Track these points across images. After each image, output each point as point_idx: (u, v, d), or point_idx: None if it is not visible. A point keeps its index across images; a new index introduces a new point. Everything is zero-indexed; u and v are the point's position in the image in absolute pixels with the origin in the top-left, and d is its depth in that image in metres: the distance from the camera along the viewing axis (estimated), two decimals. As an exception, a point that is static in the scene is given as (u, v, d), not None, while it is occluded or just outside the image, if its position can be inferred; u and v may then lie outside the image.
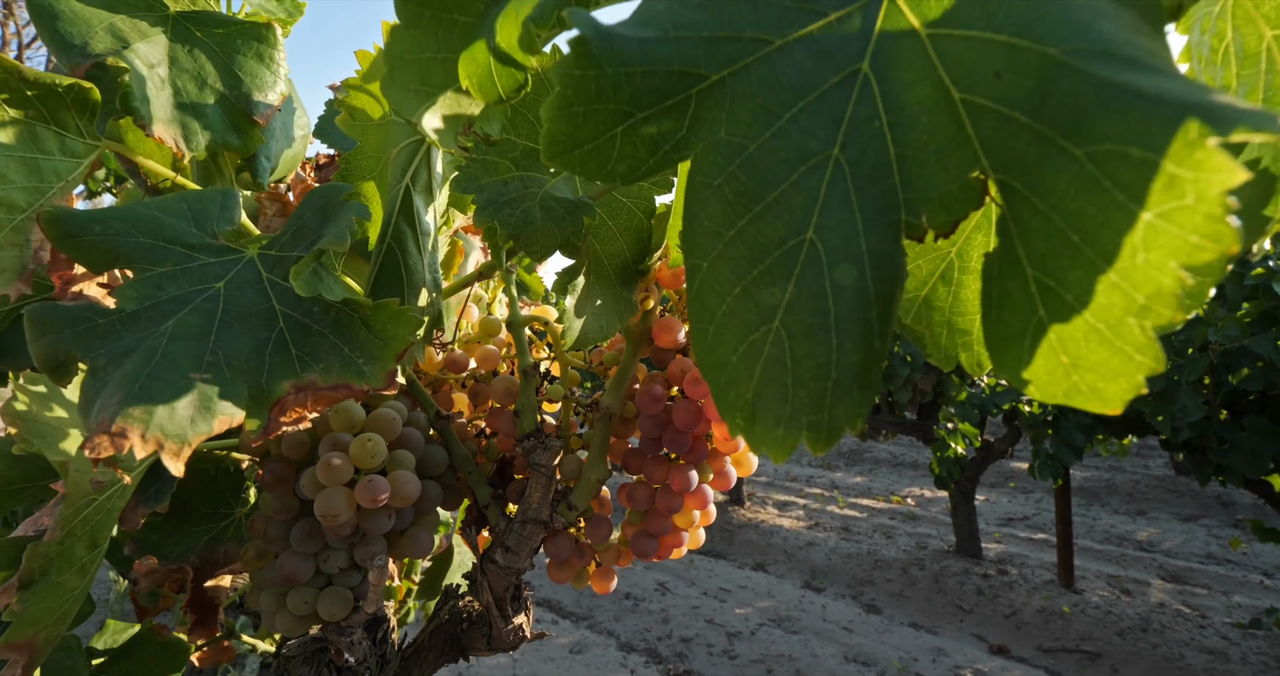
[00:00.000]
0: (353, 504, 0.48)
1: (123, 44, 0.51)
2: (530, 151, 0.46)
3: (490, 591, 0.57)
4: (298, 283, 0.39)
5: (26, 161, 0.45)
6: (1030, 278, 0.23)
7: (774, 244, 0.25)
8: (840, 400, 0.25)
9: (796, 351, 0.25)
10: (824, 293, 0.25)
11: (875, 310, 0.24)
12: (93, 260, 0.43)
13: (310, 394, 0.39)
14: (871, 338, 0.24)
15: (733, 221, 0.26)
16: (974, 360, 0.36)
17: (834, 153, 0.25)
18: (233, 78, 0.55)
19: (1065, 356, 0.23)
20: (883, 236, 0.24)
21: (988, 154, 0.23)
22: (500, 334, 0.65)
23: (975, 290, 0.34)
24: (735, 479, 0.60)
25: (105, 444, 0.33)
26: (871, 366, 0.25)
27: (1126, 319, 0.21)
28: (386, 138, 0.53)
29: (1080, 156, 0.20)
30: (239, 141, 0.54)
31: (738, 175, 0.26)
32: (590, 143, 0.27)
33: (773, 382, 0.26)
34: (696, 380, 0.54)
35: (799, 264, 0.25)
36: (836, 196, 0.25)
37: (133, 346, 0.38)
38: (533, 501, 0.55)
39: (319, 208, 0.47)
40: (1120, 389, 0.22)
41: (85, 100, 0.47)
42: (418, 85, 0.39)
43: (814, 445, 0.25)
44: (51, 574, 0.47)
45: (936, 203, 0.24)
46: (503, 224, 0.42)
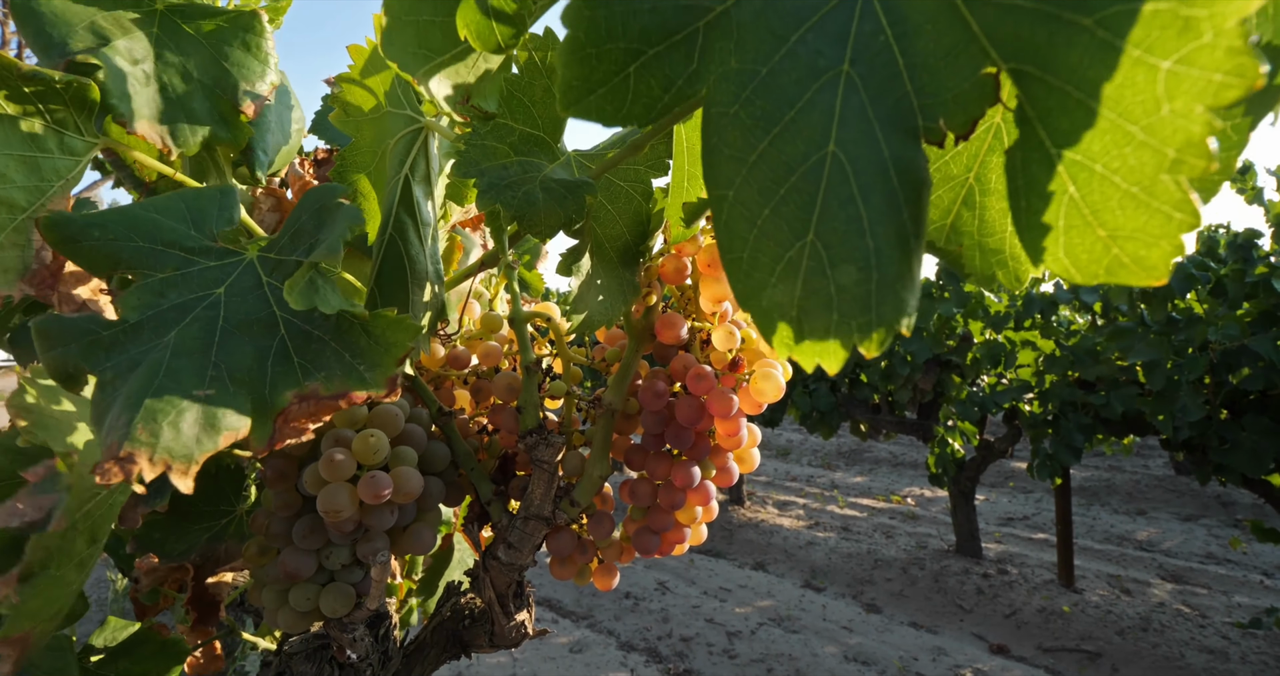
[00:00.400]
0: (355, 500, 0.48)
1: (103, 41, 0.50)
2: (528, 136, 0.46)
3: (493, 588, 0.57)
4: (292, 297, 0.39)
5: (26, 160, 0.45)
6: (1055, 157, 0.24)
7: (797, 161, 0.26)
8: (886, 299, 0.25)
9: (835, 259, 0.26)
10: (853, 200, 0.25)
11: (906, 211, 0.25)
12: (93, 264, 0.43)
13: (313, 403, 0.39)
14: (907, 238, 0.25)
15: (753, 146, 0.26)
16: (1010, 276, 0.37)
17: (844, 68, 0.25)
18: (220, 70, 0.54)
19: (1102, 229, 0.23)
20: (903, 143, 0.25)
21: (996, 46, 0.23)
22: (502, 330, 0.65)
23: (1000, 210, 0.35)
24: (738, 475, 0.60)
25: (115, 470, 0.34)
26: (911, 264, 0.25)
27: (1160, 177, 0.21)
28: (382, 130, 0.53)
29: (1090, 25, 0.21)
30: (228, 134, 0.54)
31: (753, 100, 0.26)
32: (605, 85, 0.27)
33: (815, 294, 0.26)
34: (699, 376, 0.54)
35: (824, 177, 0.25)
36: (852, 109, 0.25)
37: (137, 360, 0.39)
38: (535, 498, 0.55)
39: (315, 210, 0.47)
40: (1163, 252, 0.22)
41: (83, 97, 0.47)
42: (417, 47, 0.39)
43: (867, 347, 0.25)
44: (51, 567, 0.47)
45: (951, 104, 0.24)
46: (506, 206, 0.42)
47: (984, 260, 0.37)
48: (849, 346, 0.26)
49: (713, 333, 0.56)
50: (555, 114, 0.48)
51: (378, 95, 0.52)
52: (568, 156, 0.51)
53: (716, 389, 0.53)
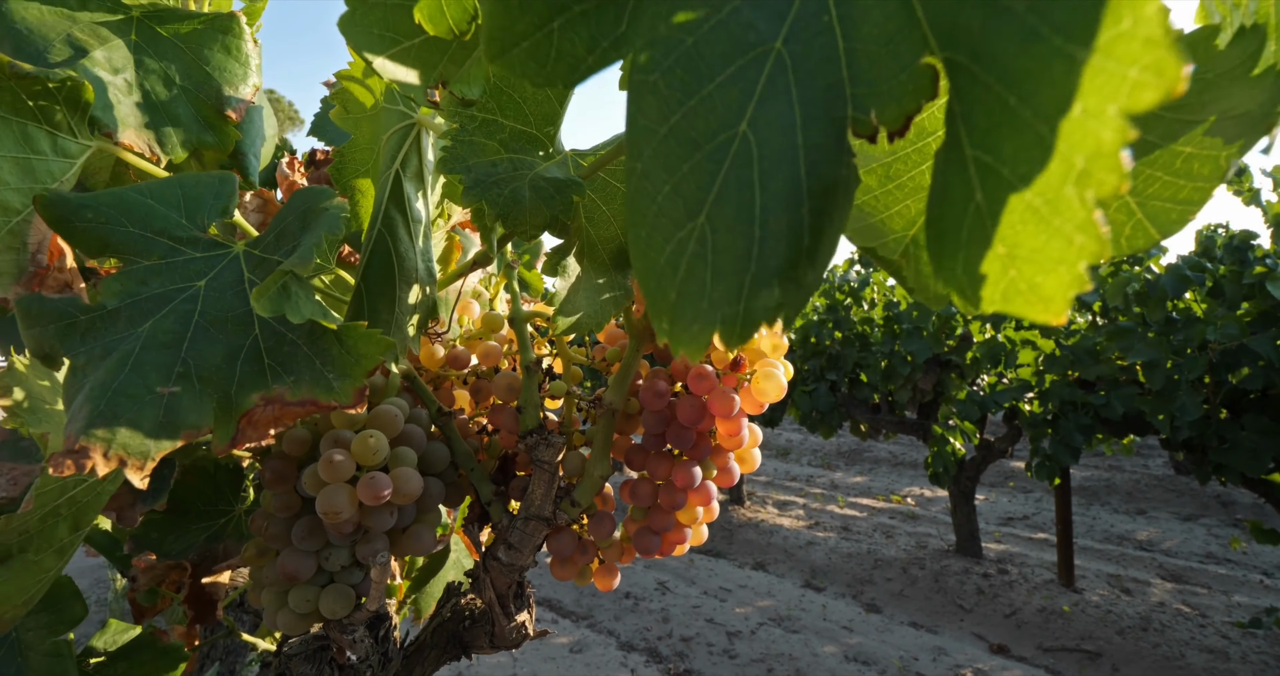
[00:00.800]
0: (354, 501, 0.48)
1: (82, 52, 0.50)
2: (519, 133, 0.46)
3: (493, 588, 0.57)
4: (259, 303, 0.38)
5: (20, 162, 0.45)
6: (969, 159, 0.21)
7: (705, 137, 0.24)
8: (758, 293, 0.24)
9: (718, 245, 0.24)
10: (750, 185, 0.24)
11: (807, 206, 0.23)
12: (86, 246, 0.42)
13: (277, 407, 0.39)
14: (800, 233, 0.23)
15: (666, 117, 0.25)
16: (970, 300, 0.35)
17: (776, 46, 0.24)
18: (201, 74, 0.54)
19: (1002, 247, 0.20)
20: (824, 132, 0.23)
21: (935, 32, 0.22)
22: (502, 330, 0.65)
23: None
24: (739, 475, 0.60)
25: (69, 463, 0.34)
26: (798, 263, 0.23)
27: (1064, 189, 0.18)
28: (379, 127, 0.52)
29: (1021, 10, 0.19)
30: (214, 139, 0.54)
31: (674, 70, 0.24)
32: (527, 39, 0.26)
33: (693, 279, 0.25)
34: (700, 376, 0.54)
35: (729, 158, 0.24)
36: (775, 90, 0.24)
37: (110, 349, 0.38)
38: (535, 498, 0.55)
39: (301, 212, 0.46)
40: (1061, 282, 0.19)
41: (77, 98, 0.46)
42: (383, 31, 0.38)
43: (726, 338, 0.24)
44: (29, 551, 0.47)
45: (886, 95, 0.23)
46: (490, 203, 0.41)
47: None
48: (709, 337, 0.24)
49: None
50: (548, 109, 0.47)
51: (375, 92, 0.52)
52: (564, 155, 0.50)
53: (718, 388, 0.53)
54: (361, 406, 0.39)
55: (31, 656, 0.63)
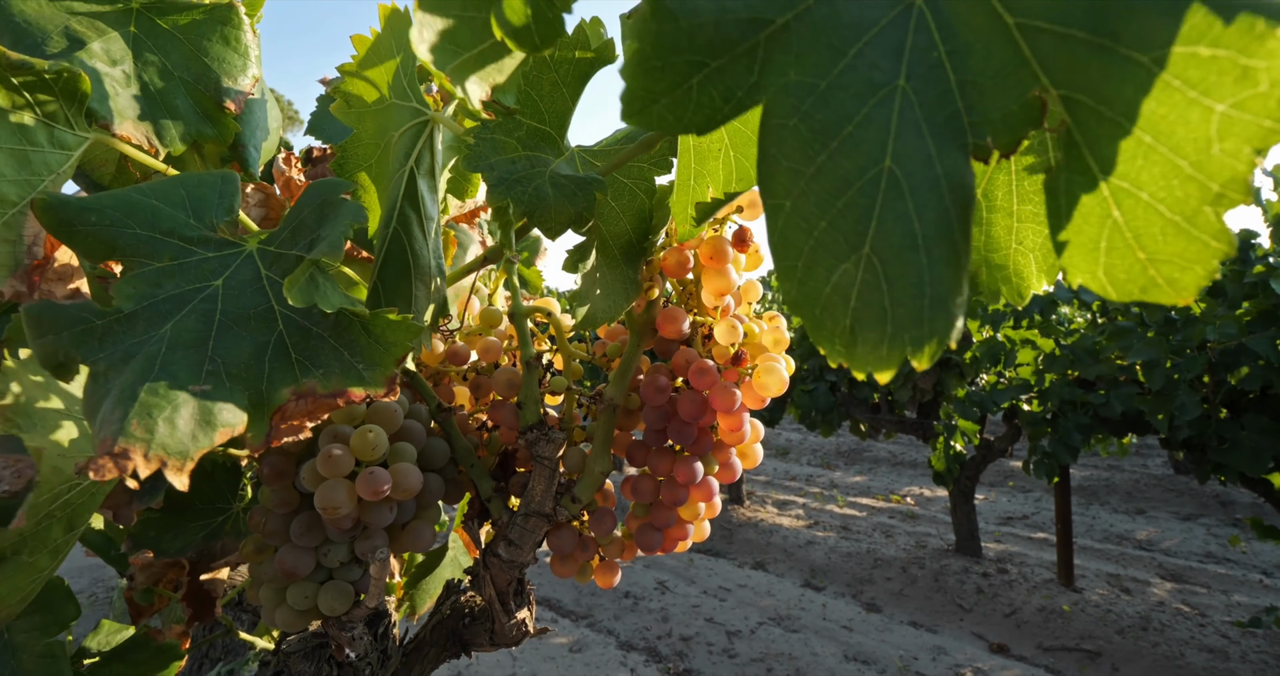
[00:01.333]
0: (354, 496, 0.48)
1: (79, 44, 0.50)
2: (535, 131, 0.46)
3: (493, 585, 0.57)
4: (292, 293, 0.38)
5: (16, 154, 0.44)
6: (1102, 183, 0.25)
7: (855, 175, 0.26)
8: (938, 314, 0.26)
9: (890, 274, 0.26)
10: (909, 216, 0.26)
11: (957, 228, 0.26)
12: (89, 250, 0.42)
13: (310, 400, 0.38)
14: (959, 254, 0.26)
15: (811, 158, 0.27)
16: (1014, 291, 0.38)
17: (900, 83, 0.26)
18: (200, 65, 0.53)
19: (1142, 252, 0.25)
20: (955, 160, 0.26)
21: (1048, 72, 0.24)
22: (502, 325, 0.64)
23: (1005, 227, 0.36)
24: (740, 470, 0.59)
25: (109, 465, 0.33)
26: (961, 281, 0.26)
27: (1203, 208, 0.23)
28: (386, 122, 0.52)
29: (1147, 63, 0.22)
30: (214, 131, 0.53)
31: (811, 113, 0.27)
32: (668, 96, 0.28)
33: (869, 306, 0.27)
34: (702, 371, 0.53)
35: (880, 192, 0.26)
36: (908, 125, 0.26)
37: (131, 352, 0.38)
38: (536, 494, 0.54)
39: (317, 205, 0.46)
40: (1196, 276, 0.24)
41: (74, 89, 0.46)
42: (446, 43, 0.38)
43: (918, 359, 0.26)
44: (23, 553, 0.47)
45: (999, 124, 0.25)
46: (516, 201, 0.42)
47: (990, 275, 0.38)
48: (901, 358, 0.27)
49: (715, 327, 0.55)
50: (562, 108, 0.47)
51: (380, 87, 0.51)
52: (572, 152, 0.50)
53: (719, 383, 0.53)
54: (394, 394, 0.38)
55: (25, 658, 0.62)
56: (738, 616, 3.86)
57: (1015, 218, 0.35)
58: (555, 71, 0.46)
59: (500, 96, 0.45)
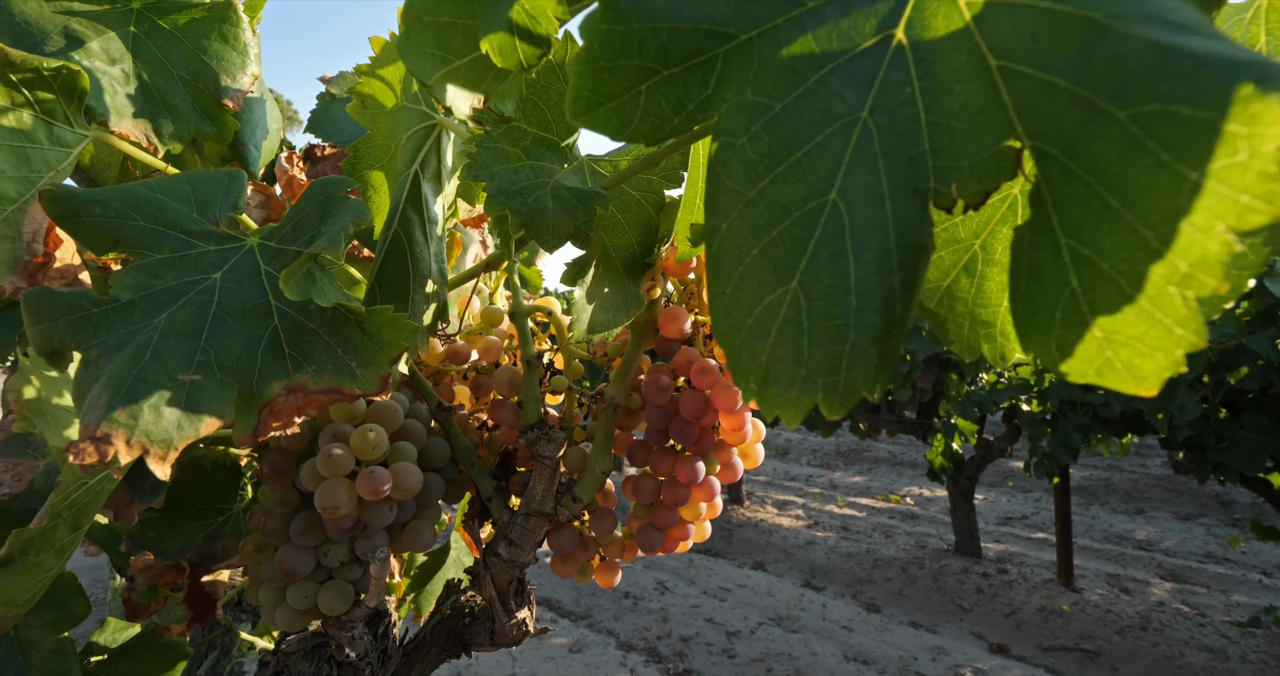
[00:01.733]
0: (354, 496, 0.47)
1: (78, 43, 0.50)
2: (541, 140, 0.46)
3: (493, 585, 0.56)
4: (288, 286, 0.38)
5: (15, 150, 0.44)
6: (1064, 247, 0.22)
7: (795, 204, 0.25)
8: (858, 363, 0.24)
9: (814, 312, 0.25)
10: (844, 254, 0.24)
11: (898, 276, 0.24)
12: (93, 242, 0.42)
13: (300, 396, 0.38)
14: (893, 303, 0.24)
15: (754, 182, 0.25)
16: (996, 352, 0.35)
17: (862, 116, 0.24)
18: (199, 63, 0.53)
19: (1099, 331, 0.22)
20: (910, 203, 0.24)
21: (1023, 121, 0.22)
22: (502, 324, 0.64)
23: (1000, 282, 0.34)
24: (742, 470, 0.59)
25: (90, 450, 0.33)
26: (892, 331, 0.24)
27: (1167, 288, 0.20)
28: (397, 125, 0.52)
29: (1123, 118, 0.20)
30: (213, 129, 0.53)
31: (761, 135, 0.25)
32: (615, 99, 0.26)
33: (788, 343, 0.25)
34: (703, 370, 0.53)
35: (820, 225, 0.25)
36: (862, 159, 0.24)
37: (125, 340, 0.38)
38: (536, 494, 0.54)
39: (320, 201, 0.46)
40: (1158, 366, 0.21)
41: (73, 86, 0.46)
42: (435, 50, 0.38)
43: (828, 408, 0.25)
44: (30, 553, 0.46)
45: (967, 171, 0.23)
46: (515, 212, 0.41)
47: (972, 330, 0.36)
48: (810, 404, 0.25)
49: (716, 326, 0.55)
50: None
51: (395, 89, 0.51)
52: (580, 161, 0.50)
53: (721, 382, 0.53)
54: (386, 393, 0.38)
55: (34, 654, 0.62)
56: (737, 616, 3.86)
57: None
58: (564, 81, 0.45)
59: (498, 104, 0.44)
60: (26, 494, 0.57)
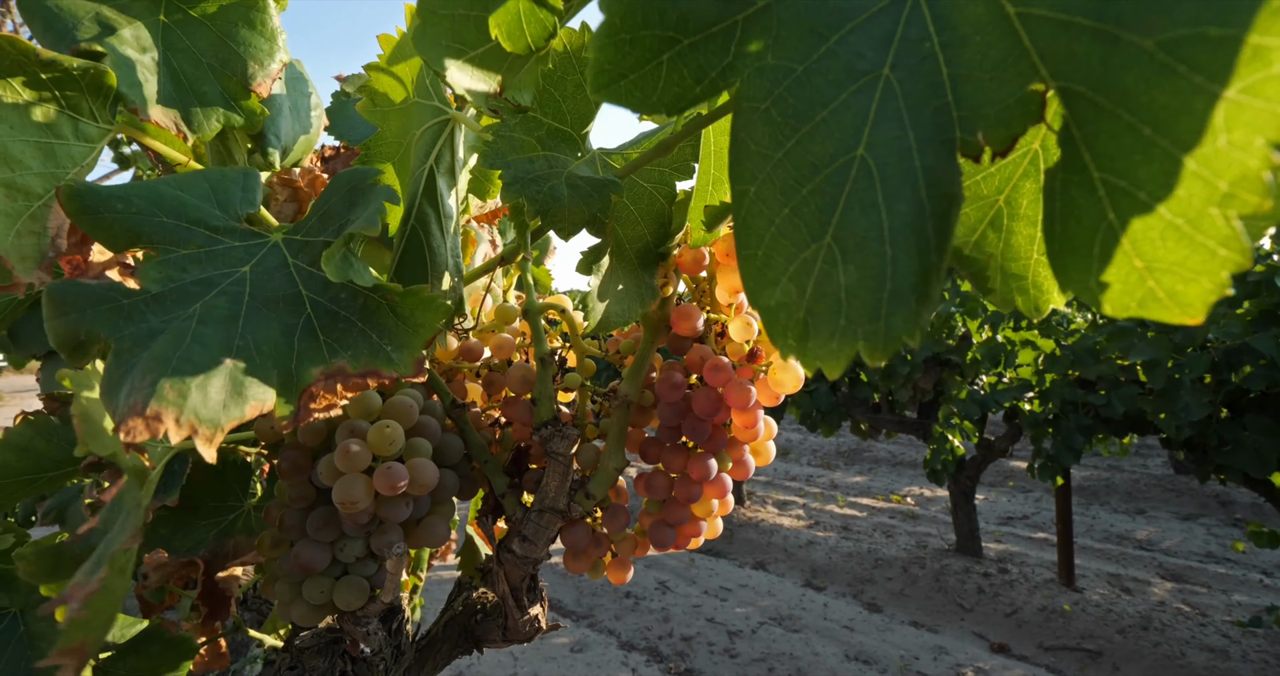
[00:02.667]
0: (371, 491, 0.48)
1: (109, 30, 0.50)
2: (555, 131, 0.46)
3: (506, 581, 0.57)
4: (329, 267, 0.39)
5: (42, 146, 0.45)
6: (1098, 182, 0.23)
7: (823, 162, 0.25)
8: (897, 310, 0.24)
9: (850, 264, 0.25)
10: (877, 206, 0.25)
11: (931, 225, 0.24)
12: (113, 239, 0.42)
13: (340, 380, 0.38)
14: (928, 251, 0.24)
15: (780, 143, 0.26)
16: (1031, 303, 0.36)
17: (884, 72, 0.25)
18: (227, 50, 0.54)
19: (1139, 260, 0.22)
20: (937, 154, 0.24)
21: (1047, 63, 0.23)
22: (515, 322, 0.64)
23: (1027, 236, 0.35)
24: (753, 468, 0.59)
25: (140, 427, 0.33)
26: (929, 278, 0.24)
27: (1208, 210, 0.20)
28: (409, 121, 0.52)
29: (1151, 47, 0.20)
30: (241, 116, 0.53)
31: (785, 97, 0.26)
32: (636, 72, 0.27)
33: (825, 297, 0.26)
34: (716, 368, 0.53)
35: (850, 180, 0.25)
36: (887, 114, 0.25)
37: (160, 328, 0.38)
38: (550, 490, 0.55)
39: (346, 192, 0.46)
40: (1202, 290, 0.21)
41: (99, 83, 0.46)
42: (450, 41, 0.38)
43: (870, 354, 0.25)
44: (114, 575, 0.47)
45: (993, 119, 0.24)
46: (530, 200, 0.42)
47: (1004, 284, 0.37)
48: (852, 352, 0.25)
49: (729, 324, 0.55)
50: (584, 110, 0.47)
51: (406, 86, 0.51)
52: (592, 154, 0.50)
53: (734, 380, 0.53)
54: (422, 375, 0.39)
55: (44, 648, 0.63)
56: (739, 616, 3.86)
57: (1039, 227, 0.33)
58: (580, 73, 0.46)
59: (515, 94, 0.45)
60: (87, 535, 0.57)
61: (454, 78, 0.38)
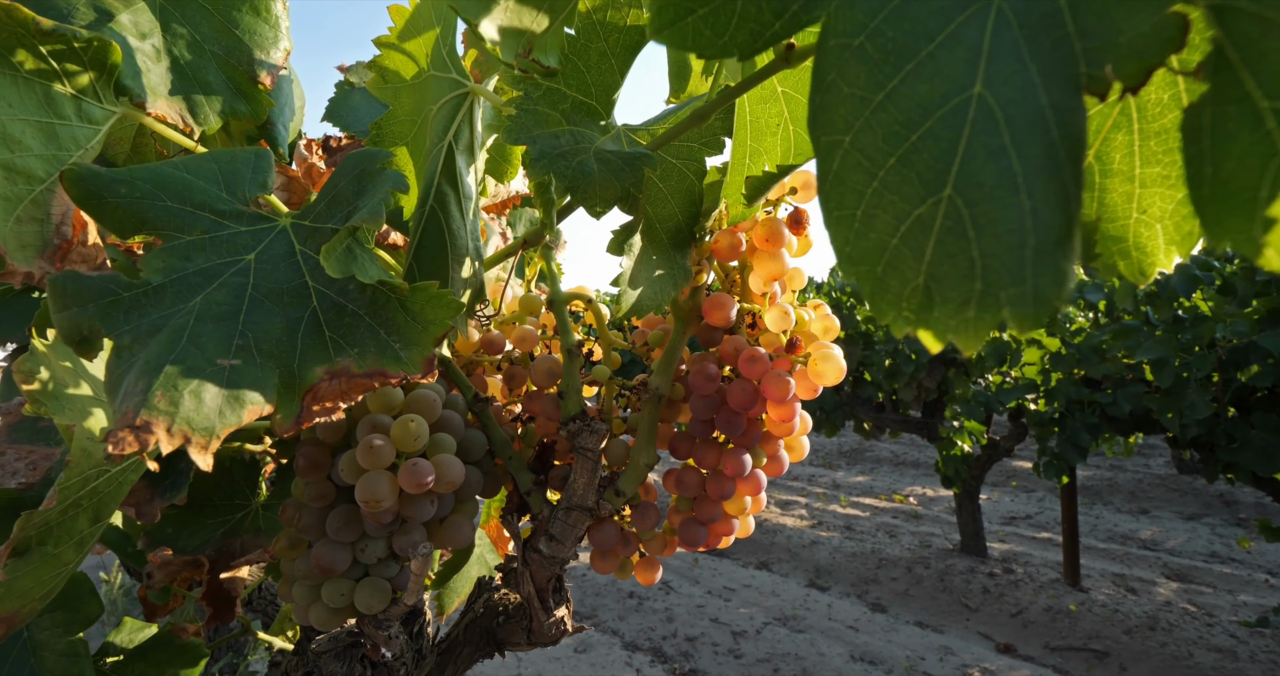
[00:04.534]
0: (395, 489, 0.45)
1: (107, 16, 0.48)
2: (580, 104, 0.43)
3: (532, 582, 0.54)
4: (329, 262, 0.36)
5: (43, 127, 0.42)
6: (1265, 111, 0.20)
7: (935, 103, 0.22)
8: (1045, 268, 0.21)
9: (980, 219, 0.22)
10: (1004, 151, 0.22)
11: (1068, 170, 0.21)
12: (118, 224, 0.40)
13: (344, 380, 0.36)
14: (1069, 199, 0.21)
15: (881, 84, 0.23)
16: (1134, 268, 0.33)
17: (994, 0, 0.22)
18: (231, 38, 0.51)
19: None
20: (1063, 90, 0.21)
21: None
22: (539, 313, 0.62)
23: (1124, 193, 0.32)
24: (788, 464, 0.57)
25: (130, 439, 0.31)
26: (1073, 231, 0.21)
27: None
28: (424, 97, 0.50)
29: None
30: (248, 107, 0.51)
31: (882, 31, 0.23)
32: (706, 5, 0.24)
33: (951, 258, 0.23)
34: (753, 358, 0.51)
35: (968, 123, 0.22)
36: (1002, 47, 0.22)
37: (159, 325, 0.36)
38: (578, 488, 0.52)
39: (354, 176, 0.44)
40: None
41: (103, 60, 0.44)
42: None
43: (1019, 322, 0.22)
44: (48, 544, 0.44)
45: (1125, 49, 0.21)
46: (559, 176, 0.39)
47: (1104, 247, 0.34)
48: (995, 321, 0.22)
49: (765, 314, 0.53)
50: (609, 80, 0.45)
51: (419, 60, 0.49)
52: (617, 130, 0.48)
53: (771, 371, 0.51)
54: (432, 375, 0.36)
55: (46, 656, 0.60)
56: (743, 616, 3.84)
57: (1138, 183, 0.31)
58: (605, 40, 0.43)
59: (542, 55, 0.42)
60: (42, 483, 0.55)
61: (485, 29, 0.36)
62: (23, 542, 0.43)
